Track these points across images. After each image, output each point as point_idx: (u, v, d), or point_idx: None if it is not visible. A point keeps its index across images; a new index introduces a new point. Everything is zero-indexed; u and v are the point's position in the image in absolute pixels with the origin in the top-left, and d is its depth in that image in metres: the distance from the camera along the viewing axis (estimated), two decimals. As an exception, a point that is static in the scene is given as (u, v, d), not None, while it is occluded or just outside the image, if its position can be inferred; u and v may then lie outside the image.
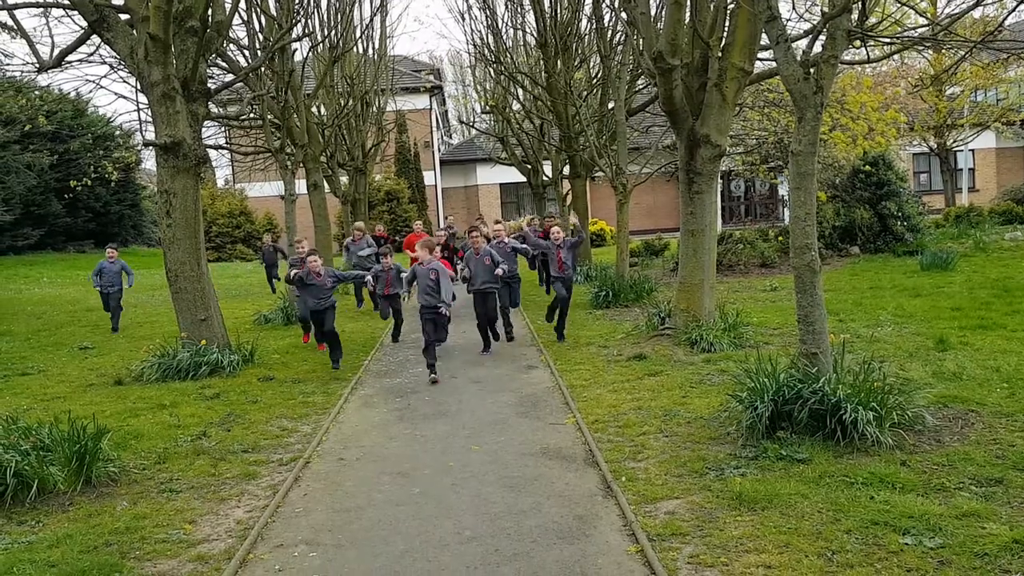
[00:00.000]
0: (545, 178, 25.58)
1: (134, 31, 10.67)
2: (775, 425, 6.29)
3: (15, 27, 11.97)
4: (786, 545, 4.54)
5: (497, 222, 13.70)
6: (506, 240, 12.68)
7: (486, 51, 22.50)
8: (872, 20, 8.40)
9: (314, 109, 21.09)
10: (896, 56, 18.91)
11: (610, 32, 18.71)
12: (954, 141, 30.54)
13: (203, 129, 12.05)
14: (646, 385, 8.69)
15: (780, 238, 19.58)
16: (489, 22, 21.92)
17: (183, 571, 4.75)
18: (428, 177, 37.85)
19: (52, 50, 11.54)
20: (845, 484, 5.32)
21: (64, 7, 11.71)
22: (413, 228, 20.28)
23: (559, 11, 19.41)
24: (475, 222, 25.01)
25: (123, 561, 4.89)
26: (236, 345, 11.17)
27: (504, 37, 22.39)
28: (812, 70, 6.60)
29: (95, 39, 11.58)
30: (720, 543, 4.66)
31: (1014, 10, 8.57)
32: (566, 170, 22.95)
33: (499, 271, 11.28)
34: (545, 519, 5.25)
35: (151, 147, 10.94)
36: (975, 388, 7.34)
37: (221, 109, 21.19)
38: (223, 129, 24.69)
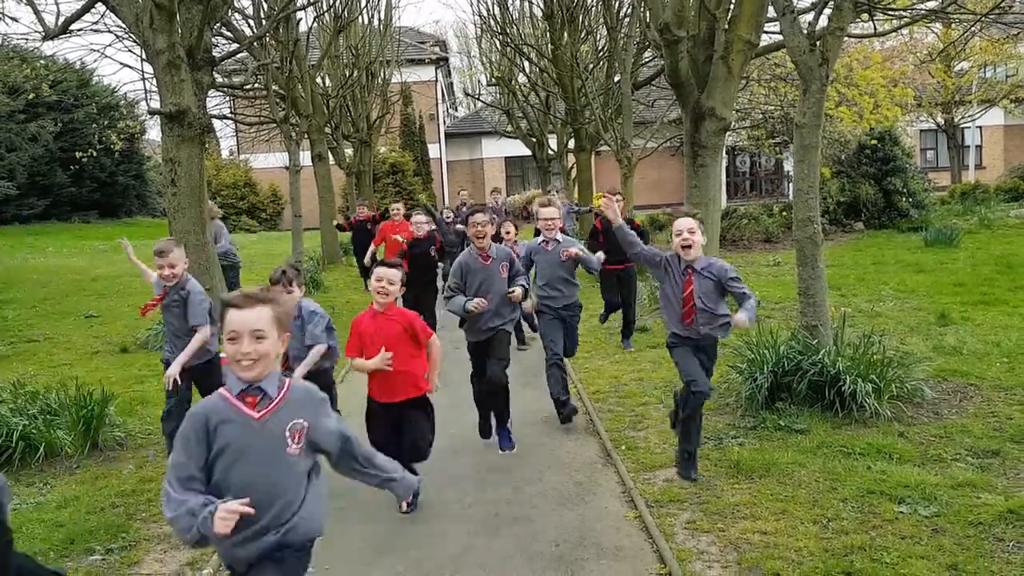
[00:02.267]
0: (550, 151, 25.52)
1: (139, -1, 10.63)
2: (774, 396, 6.35)
3: (19, -6, 11.94)
4: (782, 512, 4.60)
5: (547, 203, 7.05)
6: (560, 238, 6.89)
7: (492, 22, 22.38)
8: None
9: (319, 80, 21.03)
10: (904, 31, 18.75)
11: (617, 4, 18.57)
12: (961, 118, 30.35)
13: (207, 98, 12.03)
14: (647, 357, 8.74)
15: (784, 213, 19.54)
16: (495, -7, 21.76)
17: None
18: (433, 150, 37.75)
19: (57, 18, 11.49)
20: (842, 454, 5.38)
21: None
22: (390, 213, 12.71)
23: (566, -18, 19.26)
24: (492, 195, 17.33)
25: (129, 522, 4.98)
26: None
27: (510, 8, 22.25)
28: (818, 42, 6.58)
29: (100, 7, 11.53)
30: (717, 510, 4.72)
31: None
32: (571, 144, 22.88)
33: (516, 292, 6.10)
34: (545, 486, 5.33)
35: (156, 115, 10.93)
36: (975, 362, 7.38)
37: (226, 79, 21.14)
38: (228, 99, 24.62)
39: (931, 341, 8.27)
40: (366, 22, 22.67)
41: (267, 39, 16.21)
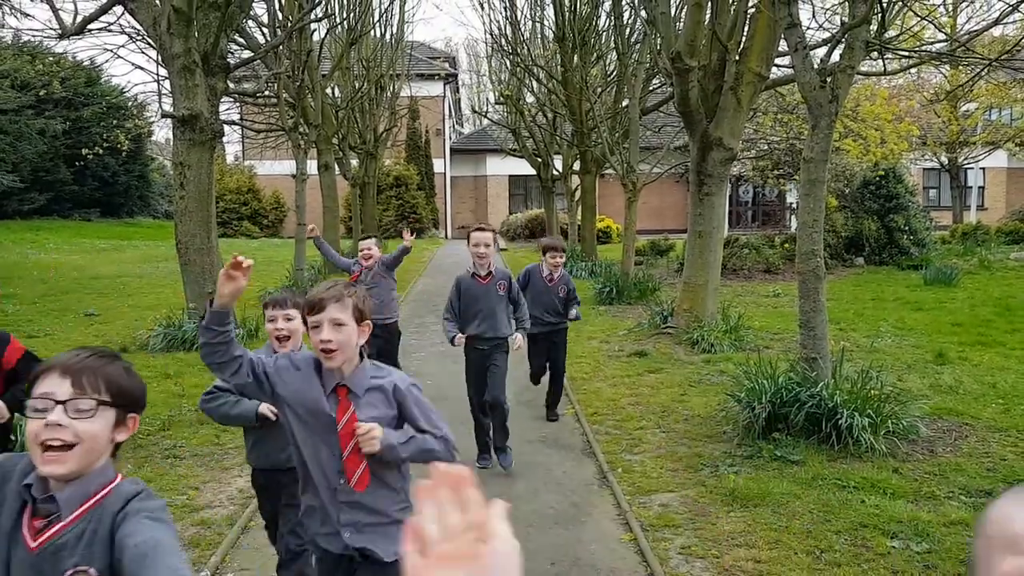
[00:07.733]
0: (555, 172, 25.64)
1: (158, 2, 10.74)
2: (771, 426, 6.38)
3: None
4: (776, 542, 4.64)
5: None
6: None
7: (503, 42, 22.58)
8: (891, 33, 8.46)
9: (329, 91, 21.16)
10: (913, 70, 18.94)
11: (628, 29, 18.77)
12: (965, 158, 30.54)
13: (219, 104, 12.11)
14: (646, 381, 8.79)
15: (786, 245, 19.62)
16: (508, 13, 21.99)
17: (186, 534, 4.86)
18: (438, 165, 37.88)
19: (75, 17, 11.60)
20: (837, 487, 5.42)
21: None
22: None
23: (579, 6, 19.48)
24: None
25: (127, 521, 4.99)
26: (241, 319, 11.25)
27: (522, 29, 22.46)
28: (829, 79, 6.67)
29: (118, 8, 11.65)
30: (712, 536, 4.76)
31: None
32: (576, 165, 23.02)
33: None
34: (542, 505, 5.36)
35: (169, 119, 11.02)
36: (971, 402, 7.43)
37: (235, 85, 21.26)
38: (236, 104, 24.77)
39: (928, 379, 8.32)
40: (378, 36, 22.87)
41: (281, 48, 16.35)
